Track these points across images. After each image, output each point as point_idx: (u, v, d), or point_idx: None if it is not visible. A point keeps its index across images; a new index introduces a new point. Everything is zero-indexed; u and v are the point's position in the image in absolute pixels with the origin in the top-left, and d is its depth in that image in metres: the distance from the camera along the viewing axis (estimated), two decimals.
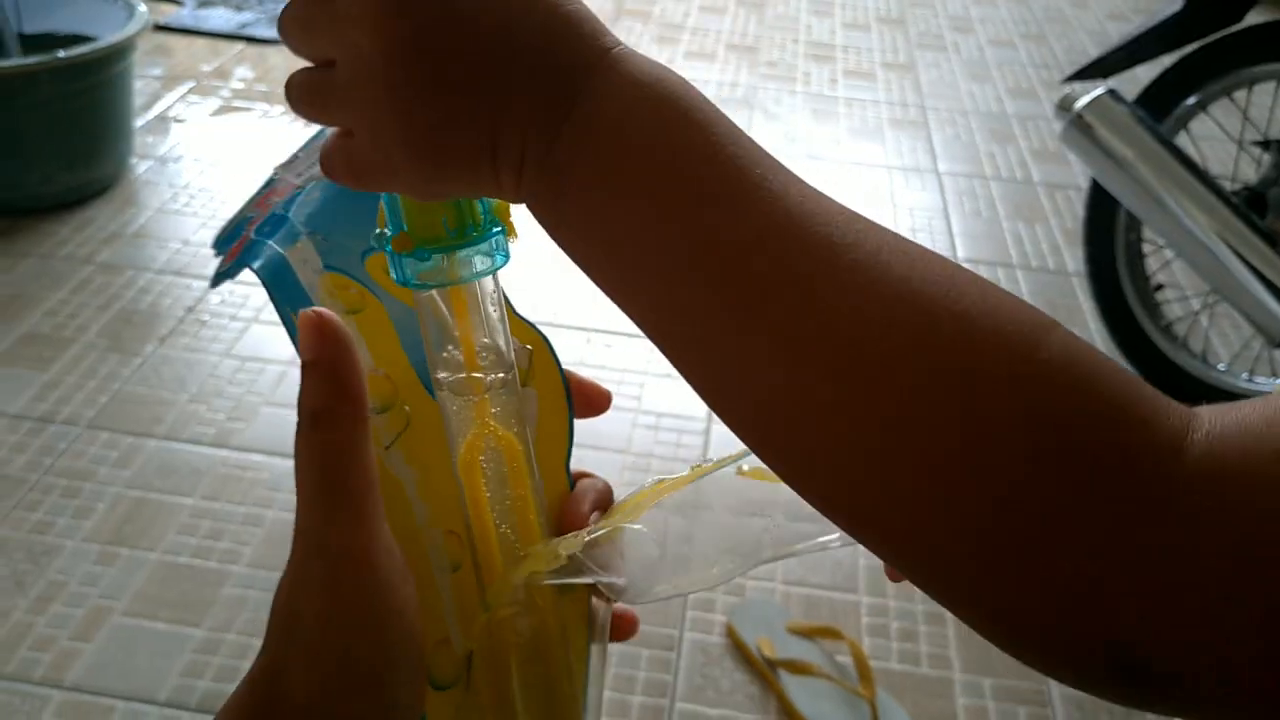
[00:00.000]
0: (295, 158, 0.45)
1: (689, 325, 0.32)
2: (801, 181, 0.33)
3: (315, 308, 0.37)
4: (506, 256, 0.38)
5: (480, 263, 0.37)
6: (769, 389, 0.32)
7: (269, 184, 0.45)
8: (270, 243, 0.41)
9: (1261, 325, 1.77)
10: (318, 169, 0.38)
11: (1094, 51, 2.08)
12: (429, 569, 0.41)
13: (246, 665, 1.53)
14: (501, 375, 0.40)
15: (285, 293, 0.40)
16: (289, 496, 1.58)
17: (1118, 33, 3.27)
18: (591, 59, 0.33)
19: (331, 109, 0.35)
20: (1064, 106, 1.85)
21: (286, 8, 0.35)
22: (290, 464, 0.37)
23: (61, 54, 2.09)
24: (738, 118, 2.51)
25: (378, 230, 0.39)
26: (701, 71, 3.24)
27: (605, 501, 0.45)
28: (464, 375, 0.39)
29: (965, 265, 1.51)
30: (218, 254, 0.43)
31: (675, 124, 0.33)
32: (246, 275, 0.42)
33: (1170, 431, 0.29)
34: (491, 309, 0.39)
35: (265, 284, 0.40)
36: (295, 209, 0.42)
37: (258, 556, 1.51)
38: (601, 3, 3.68)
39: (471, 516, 0.41)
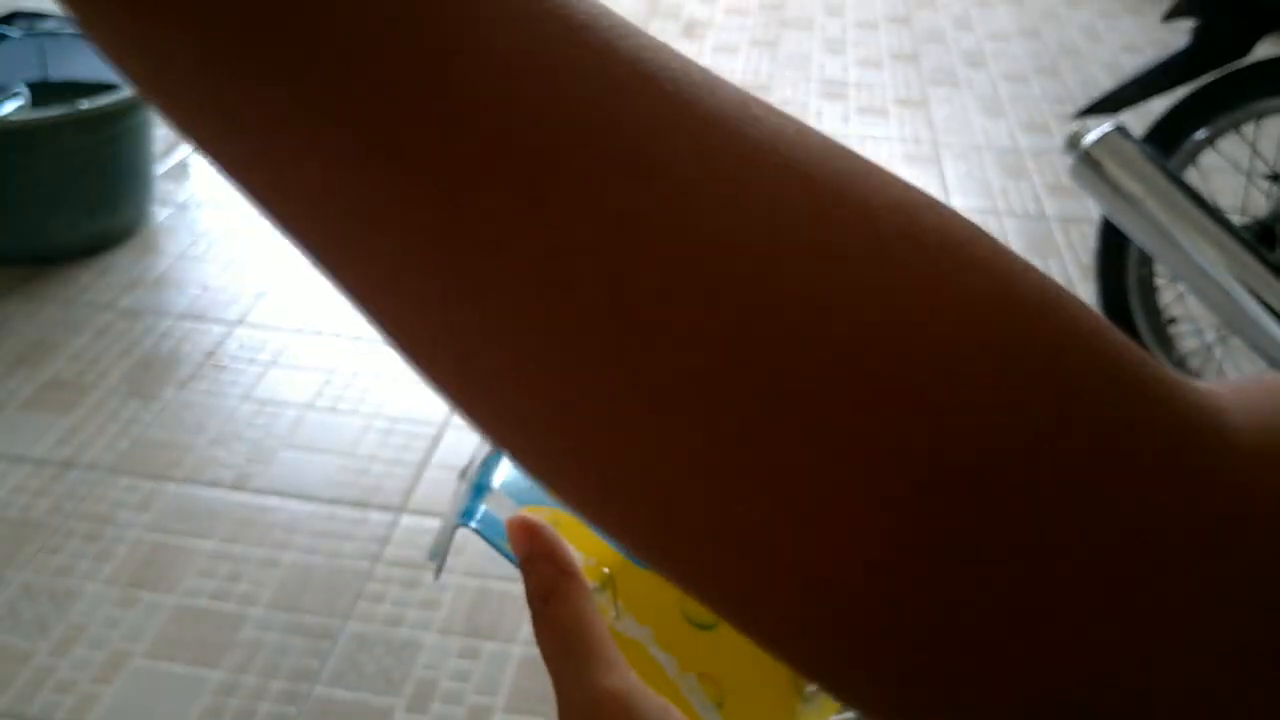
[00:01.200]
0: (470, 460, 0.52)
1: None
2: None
3: (519, 514, 0.43)
4: None
5: None
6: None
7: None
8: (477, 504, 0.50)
9: (1274, 358, 1.77)
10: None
11: (1108, 84, 2.10)
12: (695, 713, 0.45)
13: (264, 707, 1.54)
14: None
15: (499, 534, 0.49)
16: (307, 539, 1.60)
17: (1132, 65, 3.28)
18: None
19: None
20: (1073, 143, 1.86)
21: None
22: (309, 507, 0.39)
23: (84, 104, 2.13)
24: None
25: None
26: None
27: None
28: None
29: None
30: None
31: None
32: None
33: (1197, 398, 0.20)
34: None
35: (483, 536, 0.49)
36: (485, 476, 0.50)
37: (275, 599, 1.52)
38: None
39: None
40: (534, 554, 0.43)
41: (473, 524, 0.48)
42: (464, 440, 1.83)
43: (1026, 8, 4.31)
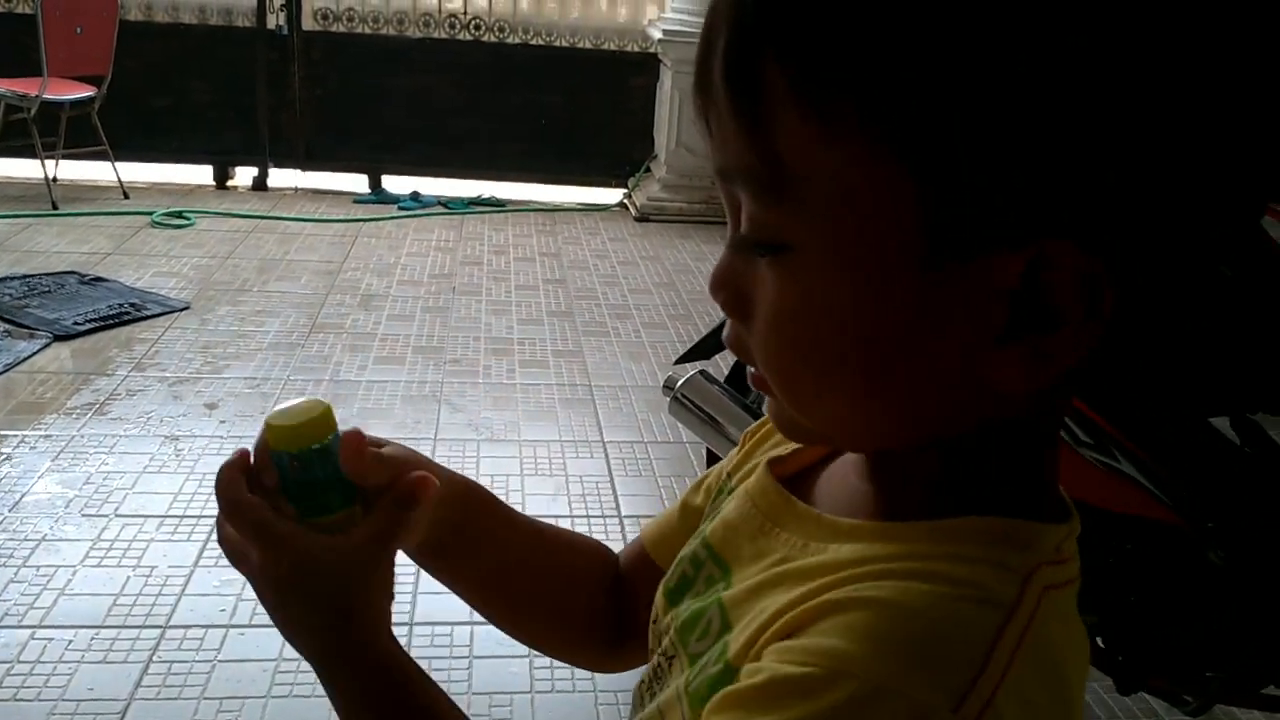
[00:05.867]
0: None
1: None
2: None
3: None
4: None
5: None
6: None
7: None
8: None
9: None
10: None
11: None
12: None
13: None
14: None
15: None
16: None
17: None
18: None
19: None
20: (668, 386, 2.29)
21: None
22: None
23: None
24: (426, 412, 2.93)
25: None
26: (391, 374, 3.59)
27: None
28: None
29: (628, 521, 2.02)
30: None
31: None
32: None
33: None
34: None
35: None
36: None
37: None
38: (298, 318, 4.02)
39: None
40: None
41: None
42: (153, 712, 1.95)
43: (664, 264, 5.00)
